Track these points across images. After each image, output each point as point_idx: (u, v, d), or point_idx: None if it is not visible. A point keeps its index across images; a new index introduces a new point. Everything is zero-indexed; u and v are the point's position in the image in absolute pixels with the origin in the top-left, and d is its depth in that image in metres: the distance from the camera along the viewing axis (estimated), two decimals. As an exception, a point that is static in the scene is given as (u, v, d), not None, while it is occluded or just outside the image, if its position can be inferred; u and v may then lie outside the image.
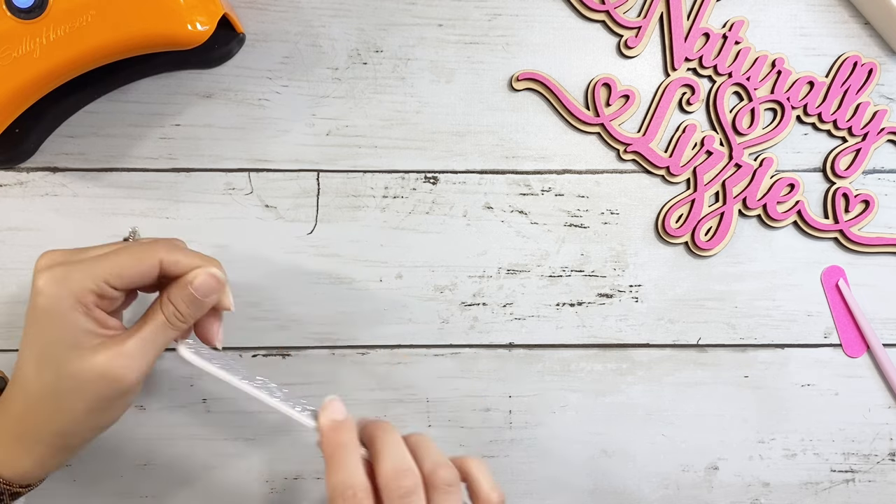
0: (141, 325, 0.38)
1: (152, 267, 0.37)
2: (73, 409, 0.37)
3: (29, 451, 0.38)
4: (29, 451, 0.38)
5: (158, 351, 0.38)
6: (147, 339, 0.37)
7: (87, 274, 0.36)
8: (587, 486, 0.51)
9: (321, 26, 0.50)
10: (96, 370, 0.36)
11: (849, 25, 0.51)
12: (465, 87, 0.51)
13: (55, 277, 0.36)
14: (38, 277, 0.36)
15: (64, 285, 0.35)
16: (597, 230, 0.51)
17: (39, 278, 0.36)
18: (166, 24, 0.42)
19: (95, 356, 0.36)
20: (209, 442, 0.50)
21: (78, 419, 0.38)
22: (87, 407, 0.37)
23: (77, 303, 0.36)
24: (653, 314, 0.51)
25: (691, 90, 0.50)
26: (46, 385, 0.36)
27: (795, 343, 0.52)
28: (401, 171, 0.50)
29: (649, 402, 0.51)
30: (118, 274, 0.36)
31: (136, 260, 0.37)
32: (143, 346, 0.37)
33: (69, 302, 0.36)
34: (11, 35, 0.41)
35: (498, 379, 0.51)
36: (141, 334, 0.37)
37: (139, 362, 0.37)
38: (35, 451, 0.38)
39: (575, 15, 0.51)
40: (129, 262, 0.37)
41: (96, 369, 0.36)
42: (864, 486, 0.52)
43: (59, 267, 0.36)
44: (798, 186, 0.51)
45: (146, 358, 0.38)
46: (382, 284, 0.50)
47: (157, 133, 0.50)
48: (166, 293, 0.38)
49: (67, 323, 0.36)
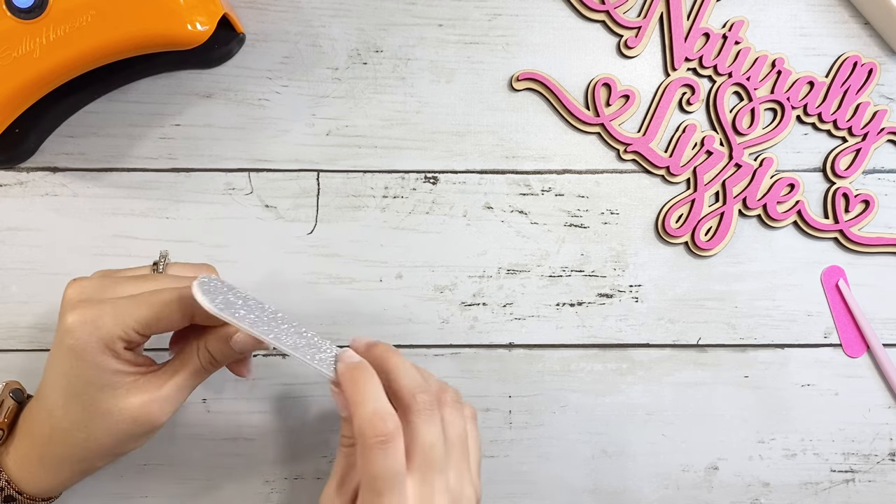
0: (177, 370, 0.38)
1: (183, 322, 0.37)
2: (102, 443, 0.38)
3: (52, 472, 0.39)
4: (52, 473, 0.39)
5: (191, 392, 0.39)
6: (183, 384, 0.38)
7: (118, 322, 0.35)
8: (587, 486, 0.51)
9: (321, 26, 0.50)
10: (130, 412, 0.37)
11: (849, 25, 0.51)
12: (465, 87, 0.51)
13: (85, 321, 0.35)
14: (67, 314, 0.35)
15: (93, 331, 0.35)
16: (597, 230, 0.51)
17: (69, 315, 0.35)
18: (166, 24, 0.42)
19: (129, 398, 0.36)
20: (209, 442, 0.50)
21: (105, 451, 0.38)
22: (115, 442, 0.38)
23: (106, 347, 0.35)
24: (653, 314, 0.51)
25: (691, 90, 0.50)
26: (75, 419, 0.37)
27: (795, 343, 0.52)
28: (401, 171, 0.50)
29: (649, 402, 0.51)
30: (148, 325, 0.36)
31: (167, 314, 0.36)
32: (178, 391, 0.38)
33: (99, 347, 0.35)
34: (11, 35, 0.41)
35: (498, 379, 0.51)
36: (177, 380, 0.38)
37: (173, 405, 0.38)
38: (58, 473, 0.39)
39: (575, 15, 0.51)
40: (161, 315, 0.36)
41: (130, 411, 0.37)
42: (864, 486, 0.52)
43: (89, 308, 0.35)
44: (798, 186, 0.51)
45: (179, 400, 0.38)
46: (382, 284, 0.50)
47: (157, 133, 0.50)
48: (204, 342, 0.38)
49: (97, 365, 0.36)
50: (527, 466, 0.51)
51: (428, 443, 0.35)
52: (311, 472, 0.50)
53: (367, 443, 0.34)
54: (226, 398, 0.50)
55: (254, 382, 0.50)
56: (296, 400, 0.50)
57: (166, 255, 0.41)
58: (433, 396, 0.37)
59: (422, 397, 0.36)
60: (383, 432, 0.34)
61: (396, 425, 0.35)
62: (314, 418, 0.50)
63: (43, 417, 0.38)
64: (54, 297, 0.49)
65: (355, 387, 0.36)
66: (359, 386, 0.35)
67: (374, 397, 0.35)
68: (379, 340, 0.40)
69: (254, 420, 0.50)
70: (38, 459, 0.39)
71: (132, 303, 0.36)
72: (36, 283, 0.49)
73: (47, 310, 0.49)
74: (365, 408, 0.35)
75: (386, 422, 0.34)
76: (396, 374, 0.37)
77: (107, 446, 0.38)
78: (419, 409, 0.36)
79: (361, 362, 0.37)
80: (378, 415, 0.34)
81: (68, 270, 0.49)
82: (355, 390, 0.35)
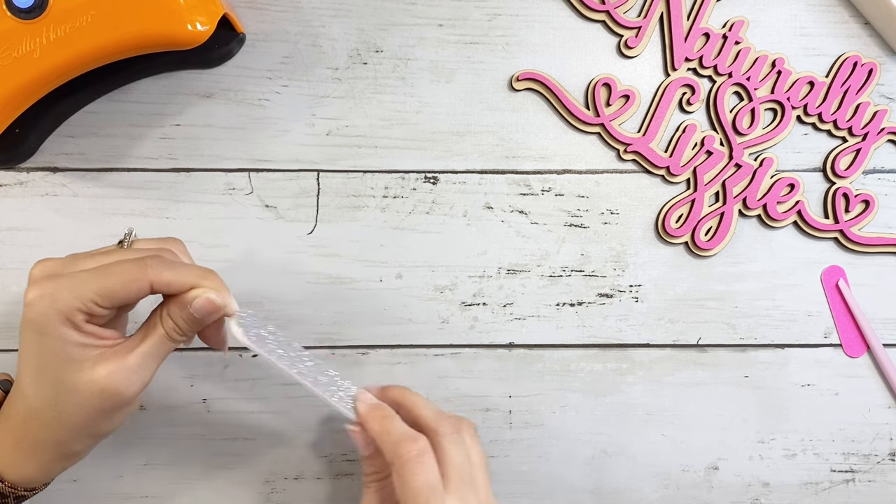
0: (142, 338, 0.38)
1: (141, 290, 0.36)
2: (74, 420, 0.37)
3: (31, 457, 0.38)
4: (31, 457, 0.38)
5: (159, 362, 0.38)
6: (148, 353, 0.37)
7: (75, 293, 0.35)
8: (587, 486, 0.51)
9: (321, 26, 0.50)
10: (97, 384, 0.36)
11: (849, 25, 0.51)
12: (465, 87, 0.51)
13: (43, 293, 0.35)
14: (28, 289, 0.36)
15: (51, 304, 0.35)
16: (597, 230, 0.51)
17: (29, 291, 0.35)
18: (166, 24, 0.42)
19: (95, 370, 0.36)
20: (209, 442, 0.50)
21: (78, 429, 0.38)
22: (87, 418, 0.37)
23: (66, 319, 0.35)
24: (653, 314, 0.51)
25: (691, 90, 0.50)
26: (45, 397, 0.36)
27: (795, 343, 0.52)
28: (401, 171, 0.50)
29: (649, 402, 0.51)
30: (106, 295, 0.35)
31: (124, 282, 0.36)
32: (144, 360, 0.37)
33: (58, 318, 0.35)
34: (11, 35, 0.41)
35: (498, 379, 0.51)
36: (142, 349, 0.37)
37: (140, 376, 0.37)
38: (37, 458, 0.39)
39: (575, 15, 0.51)
40: (117, 284, 0.36)
41: (97, 383, 0.36)
42: (864, 486, 0.52)
43: (48, 281, 0.35)
44: (798, 186, 0.51)
45: (148, 371, 0.38)
46: (382, 284, 0.50)
47: (157, 133, 0.50)
48: (165, 308, 0.38)
49: (58, 338, 0.35)
50: (527, 466, 0.51)
51: (459, 462, 0.38)
52: (311, 472, 0.50)
53: (404, 459, 0.36)
54: (226, 398, 0.50)
55: (254, 382, 0.50)
56: (296, 400, 0.50)
57: (131, 232, 0.41)
58: (454, 422, 0.40)
59: (445, 422, 0.39)
60: (417, 447, 0.37)
61: (427, 443, 0.38)
62: (314, 418, 0.50)
63: (17, 400, 0.38)
64: (54, 297, 0.49)
65: (380, 423, 0.39)
66: (384, 421, 0.39)
67: (399, 425, 0.39)
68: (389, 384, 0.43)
69: (254, 420, 0.50)
70: (15, 443, 0.38)
71: (90, 274, 0.36)
72: (36, 283, 0.49)
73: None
74: (393, 435, 0.38)
75: (417, 440, 0.37)
76: (417, 407, 0.40)
77: (80, 424, 0.37)
78: (445, 432, 0.38)
79: (380, 403, 0.40)
80: (408, 435, 0.38)
81: (68, 270, 0.49)
82: (380, 424, 0.39)
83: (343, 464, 0.50)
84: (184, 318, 0.38)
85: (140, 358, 0.37)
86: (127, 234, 0.41)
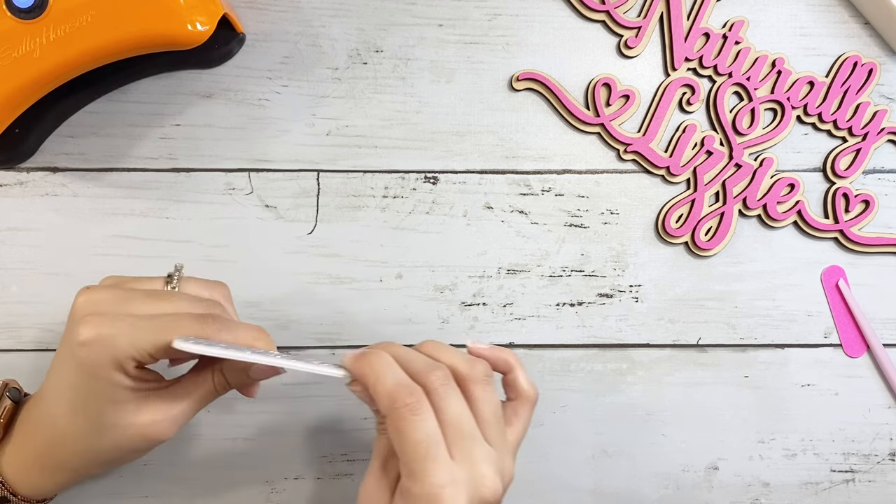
0: (190, 391, 0.38)
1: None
2: (104, 455, 0.38)
3: (50, 476, 0.39)
4: (49, 477, 0.39)
5: (198, 412, 0.39)
6: (195, 406, 0.39)
7: (133, 343, 0.34)
8: (587, 486, 0.51)
9: (321, 26, 0.50)
10: (139, 429, 0.37)
11: (849, 25, 0.51)
12: (465, 87, 0.51)
13: (99, 337, 0.34)
14: (80, 326, 0.34)
15: (108, 349, 0.34)
16: (597, 230, 0.51)
17: (82, 328, 0.34)
18: (166, 24, 0.42)
19: (139, 415, 0.36)
20: (209, 442, 0.50)
21: (105, 461, 0.39)
22: (119, 454, 0.38)
23: (118, 366, 0.35)
24: (653, 314, 0.51)
25: (691, 90, 0.50)
26: (80, 430, 0.37)
27: (795, 343, 0.52)
28: (401, 171, 0.50)
29: (649, 402, 0.51)
30: (163, 349, 0.35)
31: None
32: (189, 410, 0.38)
33: (111, 365, 0.35)
34: (11, 35, 0.41)
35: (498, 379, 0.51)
36: (190, 401, 0.38)
37: (182, 424, 0.38)
38: (55, 477, 0.39)
39: (575, 15, 0.51)
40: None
41: (139, 428, 0.37)
42: (864, 486, 0.52)
43: (105, 324, 0.35)
44: (798, 186, 0.51)
45: (187, 419, 0.39)
46: (382, 284, 0.50)
47: (157, 133, 0.50)
48: (220, 366, 0.39)
49: (106, 381, 0.35)
50: (527, 466, 0.51)
51: (455, 416, 0.34)
52: (311, 472, 0.50)
53: (399, 413, 0.33)
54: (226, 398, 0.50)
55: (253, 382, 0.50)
56: (296, 400, 0.50)
57: (181, 268, 0.40)
58: (445, 372, 0.35)
59: (434, 375, 0.35)
60: (411, 400, 0.33)
61: (422, 394, 0.34)
62: (314, 418, 0.50)
63: (46, 424, 0.38)
64: (54, 297, 0.49)
65: (370, 368, 0.35)
66: (373, 366, 0.35)
67: (391, 372, 0.34)
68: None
69: (254, 420, 0.50)
70: (38, 464, 0.38)
71: (150, 325, 0.35)
72: (36, 283, 0.49)
73: (47, 310, 0.49)
74: (385, 384, 0.34)
75: (412, 390, 0.34)
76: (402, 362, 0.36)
77: (109, 458, 0.38)
78: (434, 387, 0.34)
79: (369, 349, 0.36)
80: (402, 384, 0.34)
81: (68, 270, 0.49)
82: (371, 371, 0.35)
83: (343, 464, 0.50)
84: (238, 378, 0.39)
85: (186, 409, 0.38)
86: (177, 269, 0.40)
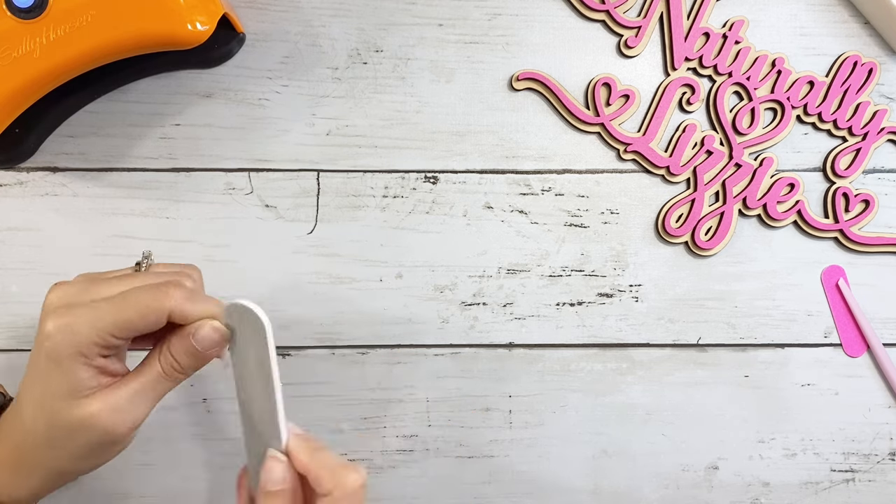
0: (136, 376, 0.37)
1: (160, 320, 0.35)
2: (66, 453, 0.37)
3: (25, 480, 0.38)
4: (25, 481, 0.38)
5: (155, 401, 0.37)
6: (140, 391, 0.36)
7: (93, 327, 0.34)
8: (587, 486, 0.51)
9: (321, 26, 0.50)
10: (86, 420, 0.35)
11: (849, 25, 0.51)
12: (465, 87, 0.51)
13: (61, 324, 0.34)
14: (46, 320, 0.35)
15: (70, 336, 0.34)
16: (597, 230, 0.51)
17: (47, 320, 0.35)
18: (166, 24, 0.42)
19: (88, 406, 0.35)
20: (209, 442, 0.50)
21: (71, 461, 0.37)
22: (78, 452, 0.37)
23: (79, 354, 0.34)
24: (653, 314, 0.51)
25: (691, 90, 0.50)
26: (40, 430, 0.36)
27: (795, 343, 0.52)
28: (401, 171, 0.50)
29: (649, 402, 0.51)
30: (123, 327, 0.35)
31: (143, 313, 0.35)
32: (135, 398, 0.36)
33: (71, 352, 0.34)
34: (11, 35, 0.41)
35: (498, 379, 0.51)
36: (133, 386, 0.36)
37: (131, 414, 0.36)
38: (30, 482, 0.38)
39: (575, 15, 0.51)
40: (136, 315, 0.35)
41: (86, 420, 0.35)
42: (864, 485, 0.52)
43: (66, 312, 0.35)
44: (798, 186, 0.51)
45: (140, 410, 0.36)
46: (382, 284, 0.50)
47: (157, 133, 0.50)
48: (167, 343, 0.36)
49: (67, 372, 0.35)
50: (527, 466, 0.51)
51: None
52: (311, 471, 0.50)
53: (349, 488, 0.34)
54: (226, 398, 0.50)
55: (254, 382, 0.50)
56: (296, 400, 0.50)
57: (149, 255, 0.39)
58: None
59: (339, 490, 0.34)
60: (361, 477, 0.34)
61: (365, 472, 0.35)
62: (314, 418, 0.50)
63: (16, 422, 0.37)
64: (54, 297, 0.49)
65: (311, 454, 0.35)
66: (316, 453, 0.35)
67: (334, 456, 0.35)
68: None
69: (254, 420, 0.50)
70: (14, 469, 0.38)
71: (107, 305, 0.35)
72: (36, 283, 0.49)
73: (47, 310, 0.49)
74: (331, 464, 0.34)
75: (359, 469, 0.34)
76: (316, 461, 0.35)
77: (71, 457, 0.37)
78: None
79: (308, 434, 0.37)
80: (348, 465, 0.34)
81: (68, 270, 0.49)
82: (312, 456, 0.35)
83: (343, 464, 0.50)
84: (185, 352, 0.36)
85: (130, 395, 0.36)
86: (145, 256, 0.39)
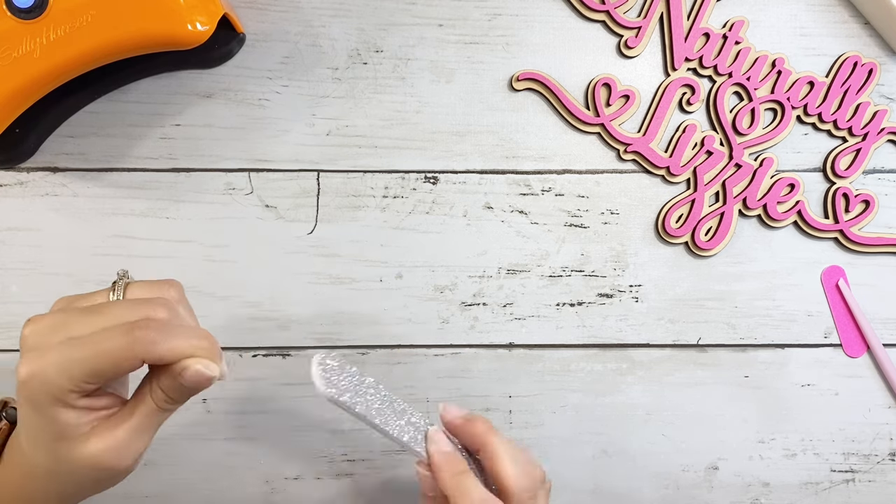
0: (131, 413, 0.36)
1: (133, 366, 0.34)
2: (70, 488, 0.37)
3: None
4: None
5: (153, 432, 0.37)
6: (138, 427, 0.36)
7: (63, 374, 0.33)
8: (587, 486, 0.51)
9: (321, 26, 0.50)
10: (88, 461, 0.35)
11: (849, 25, 0.51)
12: (465, 87, 0.51)
13: (33, 374, 0.33)
14: (20, 364, 0.33)
15: (41, 385, 0.33)
16: (597, 230, 0.51)
17: (21, 367, 0.33)
18: (166, 24, 0.42)
19: (86, 446, 0.35)
20: (209, 442, 0.50)
21: (75, 493, 0.38)
22: (82, 487, 0.37)
23: (56, 401, 0.33)
24: (653, 314, 0.51)
25: (691, 90, 0.50)
26: (40, 465, 0.36)
27: (795, 343, 0.52)
28: (401, 171, 0.50)
29: (649, 402, 0.51)
30: (98, 375, 0.33)
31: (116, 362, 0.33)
32: (135, 434, 0.36)
33: (49, 400, 0.33)
34: (11, 35, 0.41)
35: (498, 379, 0.51)
36: (131, 423, 0.36)
37: (133, 449, 0.36)
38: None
39: (575, 15, 0.51)
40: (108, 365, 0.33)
41: (88, 460, 0.35)
42: (864, 486, 0.52)
43: (37, 358, 0.33)
44: (798, 186, 0.51)
45: (141, 443, 0.36)
46: (382, 284, 0.50)
47: (157, 133, 0.50)
48: (155, 379, 0.36)
49: (51, 420, 0.34)
50: (527, 466, 0.51)
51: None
52: (311, 472, 0.50)
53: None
54: (226, 398, 0.50)
55: (253, 382, 0.50)
56: (296, 400, 0.50)
57: (124, 275, 0.37)
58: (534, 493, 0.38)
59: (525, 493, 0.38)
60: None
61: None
62: (314, 418, 0.50)
63: (18, 458, 0.37)
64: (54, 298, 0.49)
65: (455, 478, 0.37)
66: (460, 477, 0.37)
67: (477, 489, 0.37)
68: (474, 414, 0.41)
69: (254, 420, 0.50)
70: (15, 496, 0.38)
71: (75, 349, 0.33)
72: (36, 283, 0.49)
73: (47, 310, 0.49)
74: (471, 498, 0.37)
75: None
76: (502, 461, 0.38)
77: (75, 490, 0.37)
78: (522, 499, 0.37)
79: (455, 453, 0.39)
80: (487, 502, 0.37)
81: (68, 270, 0.49)
82: (455, 480, 0.37)
83: (343, 464, 0.50)
84: (174, 389, 0.36)
85: (130, 433, 0.36)
86: (119, 276, 0.38)
